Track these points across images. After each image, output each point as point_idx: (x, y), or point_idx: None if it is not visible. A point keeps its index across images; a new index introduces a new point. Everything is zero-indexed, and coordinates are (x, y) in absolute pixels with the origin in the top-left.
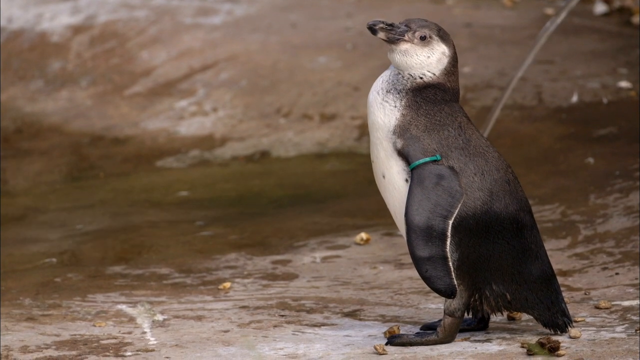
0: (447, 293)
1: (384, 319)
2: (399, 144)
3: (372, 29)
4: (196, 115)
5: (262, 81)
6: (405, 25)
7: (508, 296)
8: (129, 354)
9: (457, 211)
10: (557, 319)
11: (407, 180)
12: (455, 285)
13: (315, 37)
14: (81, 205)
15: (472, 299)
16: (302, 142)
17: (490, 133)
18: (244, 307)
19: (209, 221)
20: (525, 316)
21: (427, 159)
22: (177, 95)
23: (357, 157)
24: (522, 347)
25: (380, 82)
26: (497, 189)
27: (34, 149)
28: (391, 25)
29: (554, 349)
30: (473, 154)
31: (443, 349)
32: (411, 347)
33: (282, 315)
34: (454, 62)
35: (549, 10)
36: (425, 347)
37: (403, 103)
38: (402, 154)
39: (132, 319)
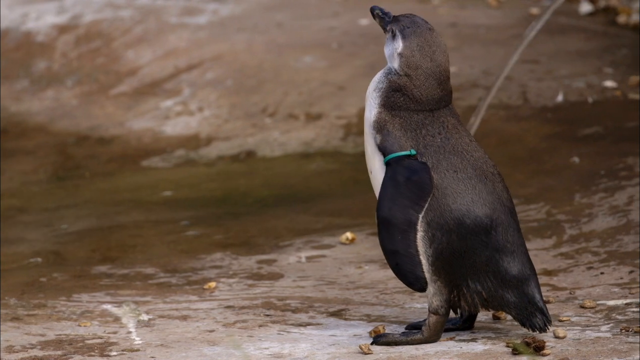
0: (417, 286)
1: (369, 318)
2: (378, 139)
3: (373, 13)
4: (182, 115)
5: (248, 81)
6: (392, 17)
7: (484, 294)
8: (114, 353)
9: (426, 205)
10: (534, 317)
11: (385, 175)
12: (425, 278)
13: (301, 36)
14: (66, 204)
15: (452, 296)
16: (287, 142)
17: (476, 132)
18: (229, 306)
19: (194, 221)
20: (510, 315)
21: (402, 153)
22: (163, 95)
23: (343, 156)
24: (508, 346)
25: (373, 81)
26: (470, 186)
27: (20, 149)
28: (385, 14)
29: (539, 349)
30: (449, 152)
31: (428, 348)
32: (397, 347)
33: (268, 315)
34: (413, 66)
35: (534, 10)
36: (411, 346)
37: (379, 102)
38: (381, 149)
39: (117, 319)
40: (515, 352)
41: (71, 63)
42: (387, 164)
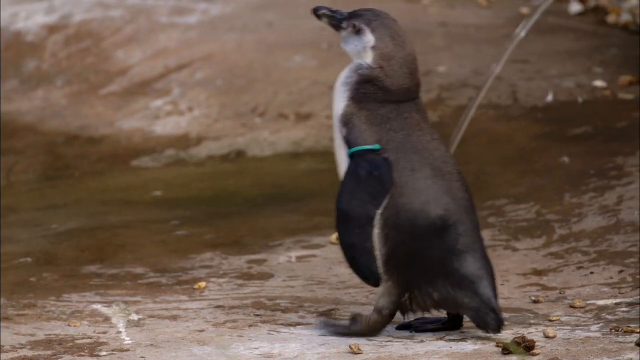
0: (372, 281)
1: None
2: (344, 132)
3: (316, 14)
4: (171, 114)
5: (238, 80)
6: (347, 14)
7: (436, 296)
8: (103, 353)
9: (385, 201)
10: (488, 318)
11: (347, 167)
12: (379, 274)
13: (291, 36)
14: (56, 204)
15: (403, 298)
16: (277, 142)
17: (465, 132)
18: (219, 306)
19: (184, 220)
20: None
21: (365, 147)
22: (153, 94)
23: (333, 156)
24: (497, 346)
25: (340, 76)
26: (426, 186)
27: (9, 149)
28: (334, 12)
29: (528, 348)
30: (409, 150)
31: (418, 348)
32: (386, 347)
33: (257, 315)
34: (386, 57)
35: (524, 10)
36: (400, 346)
37: (348, 95)
38: (346, 142)
39: (107, 319)
40: (505, 351)
41: (61, 63)
42: (350, 156)
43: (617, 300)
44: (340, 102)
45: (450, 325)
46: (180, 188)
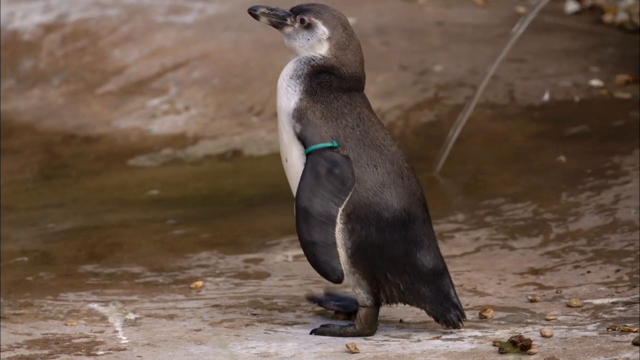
0: (334, 278)
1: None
2: (298, 128)
3: (254, 14)
4: (168, 113)
5: (234, 79)
6: (289, 10)
7: (401, 287)
8: (100, 352)
9: (347, 199)
10: (449, 313)
11: (305, 165)
12: (341, 270)
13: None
14: (53, 203)
15: (372, 288)
16: (274, 141)
17: (462, 131)
18: (216, 305)
19: (181, 220)
20: (497, 314)
21: (324, 144)
22: (149, 93)
23: None
24: (494, 345)
25: (286, 69)
26: (389, 181)
27: (6, 148)
28: (273, 10)
29: (525, 347)
30: (368, 146)
31: (415, 347)
32: (383, 346)
33: (254, 314)
34: (341, 46)
35: (521, 9)
36: (398, 345)
37: (301, 88)
38: (301, 138)
39: (104, 318)
40: (502, 351)
41: (58, 62)
42: (308, 154)
43: (614, 300)
44: (291, 96)
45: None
46: (177, 187)
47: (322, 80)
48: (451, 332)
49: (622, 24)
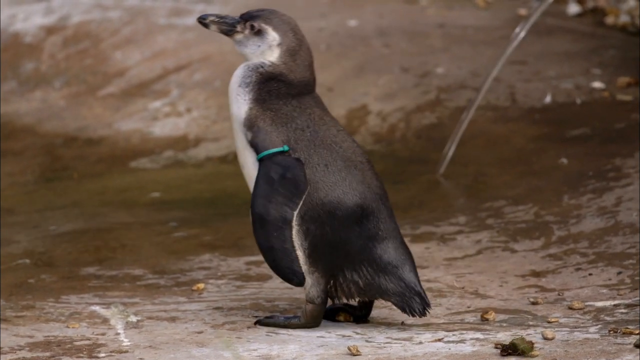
0: (295, 281)
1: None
2: (249, 135)
3: (203, 23)
4: (170, 115)
5: None
6: (239, 17)
7: (361, 283)
8: (102, 355)
9: (301, 202)
10: (413, 303)
11: (258, 171)
12: (302, 273)
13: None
14: (54, 206)
15: (329, 286)
16: None
17: (463, 133)
18: (217, 308)
19: (182, 222)
20: (498, 317)
21: (274, 150)
22: (151, 95)
23: None
24: (496, 347)
25: (235, 76)
26: (340, 179)
27: (7, 150)
28: (223, 17)
29: (526, 350)
30: (319, 146)
31: (417, 349)
32: (385, 348)
33: (256, 316)
34: (292, 52)
35: (522, 11)
36: (399, 348)
37: (250, 96)
38: (253, 145)
39: (105, 320)
40: (504, 353)
41: (59, 64)
42: (260, 160)
43: (616, 302)
44: (241, 104)
45: (358, 314)
46: (179, 189)
47: (270, 88)
48: (453, 335)
49: (624, 26)
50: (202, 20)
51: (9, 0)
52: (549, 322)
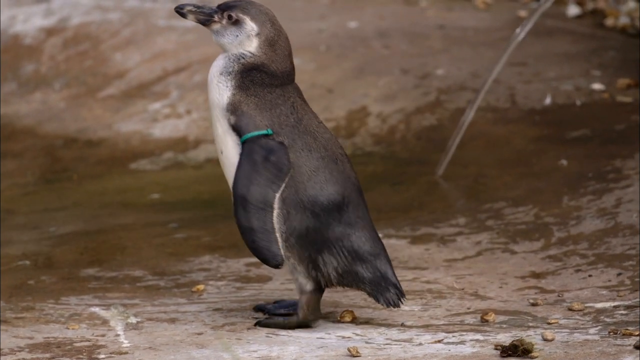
0: (274, 263)
1: (357, 321)
2: (232, 119)
3: (181, 12)
4: (170, 117)
5: None
6: (216, 7)
7: (339, 269)
8: (102, 356)
9: (284, 184)
10: (388, 292)
11: (241, 153)
12: (281, 255)
13: (289, 39)
14: (54, 207)
15: (309, 271)
16: None
17: (463, 135)
18: (217, 309)
19: (182, 223)
20: (498, 318)
21: (259, 132)
22: (151, 97)
23: None
24: (496, 349)
25: (216, 65)
26: (323, 165)
27: (7, 151)
28: (200, 7)
29: (527, 351)
30: (302, 132)
31: (417, 351)
32: (384, 350)
33: (256, 318)
34: (270, 42)
35: (522, 13)
36: (399, 349)
37: (233, 84)
38: (236, 129)
39: (105, 322)
40: (504, 354)
41: (59, 66)
42: (244, 142)
43: (616, 303)
44: (223, 91)
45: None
46: (179, 191)
47: (253, 77)
48: (453, 336)
49: (623, 28)
50: (180, 10)
51: (9, 1)
52: (548, 323)
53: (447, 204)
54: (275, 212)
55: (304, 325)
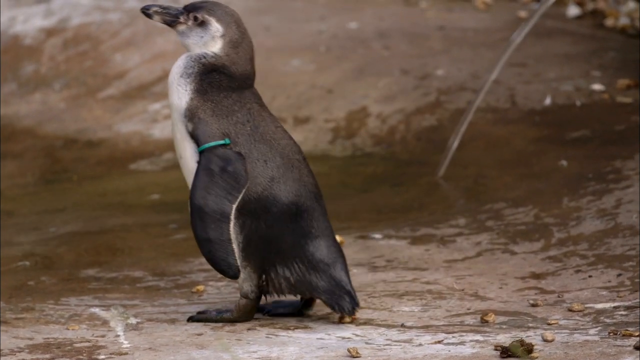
0: (230, 274)
1: (357, 321)
2: (190, 126)
3: (147, 13)
4: (169, 118)
5: None
6: (182, 8)
7: (292, 279)
8: (102, 357)
9: (241, 196)
10: (343, 300)
11: (198, 163)
12: (237, 266)
13: (289, 40)
14: (54, 208)
15: (261, 281)
16: None
17: (463, 136)
18: (217, 310)
19: (182, 224)
20: (498, 319)
21: (216, 142)
22: (151, 97)
23: (331, 160)
24: (496, 349)
25: (176, 66)
26: (278, 175)
27: (7, 152)
28: (166, 8)
29: (527, 352)
30: (258, 141)
31: (416, 351)
32: (384, 351)
33: (256, 318)
34: (234, 44)
35: (522, 13)
36: (399, 350)
37: (192, 87)
38: (193, 137)
39: (105, 322)
40: (504, 355)
41: (59, 66)
42: (201, 152)
43: (616, 304)
44: (182, 95)
45: (303, 309)
46: (179, 191)
47: (212, 80)
48: (453, 337)
49: (623, 28)
50: (146, 11)
51: (9, 2)
52: (548, 324)
53: (447, 204)
54: (232, 223)
55: (233, 321)
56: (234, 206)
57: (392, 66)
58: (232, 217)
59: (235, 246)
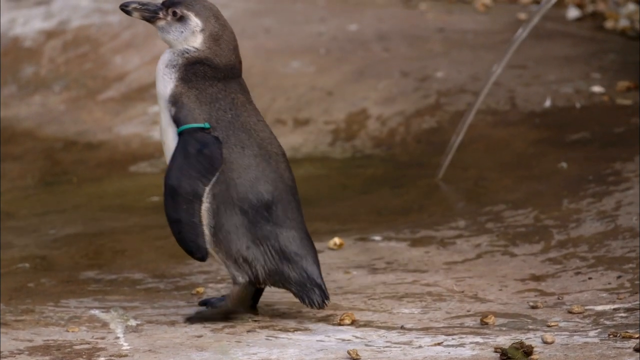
0: (198, 255)
1: (357, 324)
2: (173, 110)
3: (126, 10)
4: None
5: None
6: (161, 4)
7: (266, 268)
8: (102, 359)
9: (214, 178)
10: (313, 294)
11: (177, 145)
12: (206, 248)
13: (289, 42)
14: (54, 210)
15: (238, 266)
16: None
17: (463, 138)
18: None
19: None
20: (498, 321)
21: (195, 125)
22: (151, 100)
23: (331, 161)
24: (496, 351)
25: (162, 58)
26: (255, 163)
27: (7, 154)
28: (145, 4)
29: (527, 354)
30: (238, 129)
31: (416, 353)
32: (384, 352)
33: (256, 320)
34: (215, 37)
35: (522, 15)
36: (399, 352)
37: (177, 76)
38: (175, 120)
39: (105, 324)
40: (504, 357)
41: (59, 68)
42: (180, 134)
43: (616, 306)
44: (167, 82)
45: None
46: None
47: (196, 71)
48: (452, 338)
49: (623, 31)
50: (125, 8)
51: (9, 4)
52: (548, 326)
53: (447, 206)
54: (205, 206)
55: (230, 313)
56: (207, 188)
57: (392, 68)
58: (205, 199)
59: (207, 231)
